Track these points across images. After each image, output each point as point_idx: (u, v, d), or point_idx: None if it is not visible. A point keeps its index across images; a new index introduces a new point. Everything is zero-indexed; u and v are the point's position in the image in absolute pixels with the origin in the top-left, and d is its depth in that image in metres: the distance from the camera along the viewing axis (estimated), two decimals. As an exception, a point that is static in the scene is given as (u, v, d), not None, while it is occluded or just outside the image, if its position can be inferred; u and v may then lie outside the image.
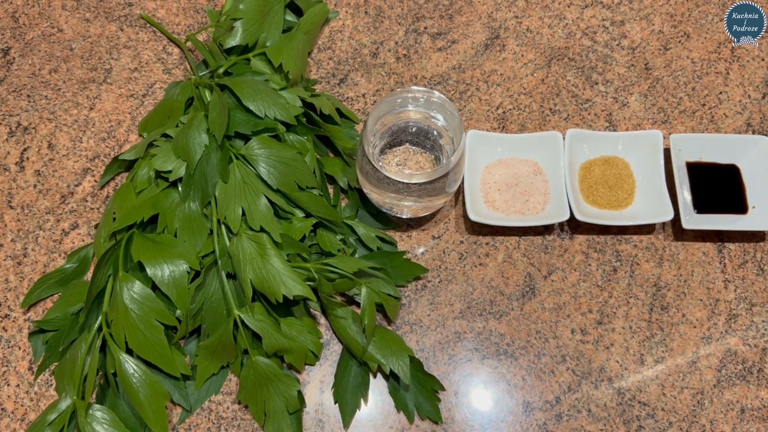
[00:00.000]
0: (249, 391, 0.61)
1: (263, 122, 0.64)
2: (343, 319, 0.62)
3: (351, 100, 0.73)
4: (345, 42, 0.76)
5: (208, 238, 0.63)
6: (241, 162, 0.63)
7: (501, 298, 0.66)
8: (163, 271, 0.61)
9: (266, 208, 0.62)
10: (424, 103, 0.62)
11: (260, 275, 0.60)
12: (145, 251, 0.61)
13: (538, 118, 0.73)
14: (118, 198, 0.65)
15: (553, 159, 0.68)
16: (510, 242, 0.68)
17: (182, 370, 0.61)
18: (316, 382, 0.63)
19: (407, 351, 0.61)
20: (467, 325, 0.64)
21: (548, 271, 0.67)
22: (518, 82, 0.74)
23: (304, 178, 0.64)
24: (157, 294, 0.61)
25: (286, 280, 0.60)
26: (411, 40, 0.76)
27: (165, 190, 0.64)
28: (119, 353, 0.59)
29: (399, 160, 0.67)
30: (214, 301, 0.62)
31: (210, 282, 0.62)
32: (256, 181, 0.63)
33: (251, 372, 0.60)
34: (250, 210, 0.62)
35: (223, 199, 0.62)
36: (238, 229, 0.61)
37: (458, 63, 0.75)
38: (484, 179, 0.68)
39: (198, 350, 0.61)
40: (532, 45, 0.76)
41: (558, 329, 0.64)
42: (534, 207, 0.67)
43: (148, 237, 0.62)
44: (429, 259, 0.67)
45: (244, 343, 0.61)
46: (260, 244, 0.61)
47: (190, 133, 0.63)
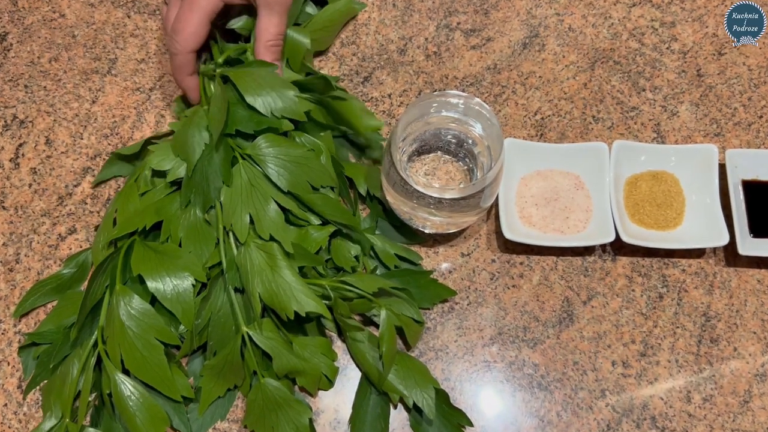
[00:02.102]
0: (256, 416, 0.55)
1: (267, 120, 0.58)
2: (360, 343, 0.57)
3: (375, 101, 0.67)
4: (371, 37, 0.70)
5: (215, 249, 0.57)
6: (248, 162, 0.57)
7: (535, 324, 0.60)
8: (166, 284, 0.55)
9: (276, 214, 0.56)
10: (462, 109, 0.55)
11: (270, 289, 0.54)
12: (147, 263, 0.55)
13: (580, 126, 0.67)
14: (120, 200, 0.59)
15: (596, 172, 0.62)
16: (547, 263, 0.62)
17: (183, 393, 0.55)
18: (331, 411, 0.57)
19: (432, 382, 0.55)
20: (498, 353, 0.59)
21: (588, 296, 0.61)
22: (558, 86, 0.68)
23: (318, 177, 0.57)
24: (157, 307, 0.55)
25: (297, 294, 0.54)
26: (442, 37, 0.70)
27: (170, 195, 0.58)
28: (115, 373, 0.54)
29: (428, 169, 0.61)
30: (221, 317, 0.57)
31: (216, 295, 0.56)
32: (265, 184, 0.57)
33: (259, 395, 0.55)
34: (258, 216, 0.56)
35: (228, 204, 0.56)
36: (246, 237, 0.55)
37: (493, 63, 0.69)
38: (520, 192, 0.62)
39: (203, 370, 0.56)
40: (575, 45, 0.70)
41: (597, 361, 0.59)
42: (575, 225, 0.61)
43: (150, 246, 0.56)
44: (457, 279, 0.61)
45: (253, 364, 0.55)
46: (270, 255, 0.55)
47: (189, 130, 0.57)
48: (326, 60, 0.69)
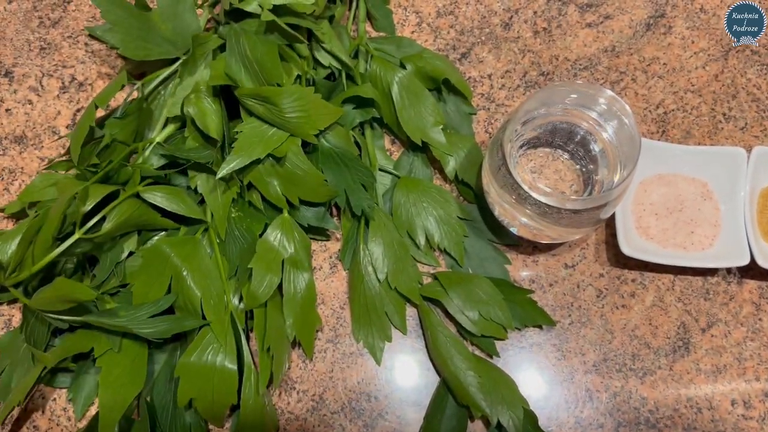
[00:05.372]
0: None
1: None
2: (443, 345, 0.50)
3: (473, 81, 0.59)
4: (471, 7, 0.62)
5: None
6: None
7: (646, 351, 0.52)
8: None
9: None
10: (600, 109, 0.47)
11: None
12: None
13: (708, 124, 0.58)
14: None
15: (729, 181, 0.53)
16: (663, 281, 0.54)
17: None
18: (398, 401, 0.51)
19: (521, 401, 0.49)
20: (601, 382, 0.52)
21: (708, 323, 0.53)
22: (685, 76, 0.59)
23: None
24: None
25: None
26: (554, 11, 0.61)
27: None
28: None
29: (534, 166, 0.53)
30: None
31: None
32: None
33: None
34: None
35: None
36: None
37: (611, 44, 0.60)
38: (637, 198, 0.54)
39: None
40: (706, 29, 0.60)
41: (715, 398, 0.51)
42: (700, 241, 0.53)
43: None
44: (558, 294, 0.54)
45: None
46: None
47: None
48: (419, 32, 0.61)
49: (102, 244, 0.48)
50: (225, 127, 0.48)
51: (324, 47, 0.54)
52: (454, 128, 0.57)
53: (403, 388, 0.51)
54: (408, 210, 0.54)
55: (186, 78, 0.52)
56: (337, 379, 0.52)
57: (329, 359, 0.52)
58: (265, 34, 0.49)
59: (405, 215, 0.54)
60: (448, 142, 0.55)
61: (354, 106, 0.54)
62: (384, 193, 0.55)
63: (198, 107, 0.47)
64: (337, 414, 0.51)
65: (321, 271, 0.54)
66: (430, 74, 0.55)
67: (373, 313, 0.52)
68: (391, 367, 0.52)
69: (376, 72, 0.55)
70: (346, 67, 0.54)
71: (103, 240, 0.47)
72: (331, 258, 0.55)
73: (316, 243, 0.55)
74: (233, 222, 0.50)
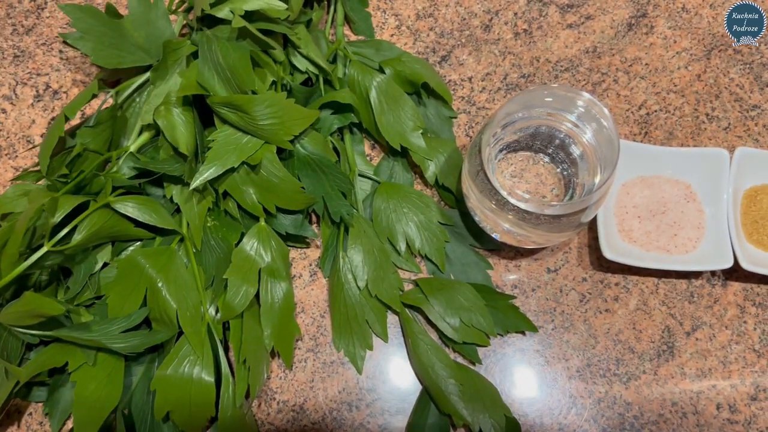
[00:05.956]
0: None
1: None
2: (424, 353, 0.50)
3: (454, 84, 0.59)
4: (451, 9, 0.61)
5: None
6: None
7: (630, 356, 0.52)
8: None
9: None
10: (579, 112, 0.46)
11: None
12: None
13: (691, 125, 0.57)
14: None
15: (712, 183, 0.53)
16: (646, 285, 0.53)
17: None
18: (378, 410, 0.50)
19: (503, 408, 0.49)
20: (585, 388, 0.51)
21: (692, 327, 0.52)
22: (668, 76, 0.58)
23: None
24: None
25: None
26: (534, 12, 0.61)
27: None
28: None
29: (514, 170, 0.53)
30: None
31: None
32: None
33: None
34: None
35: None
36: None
37: (593, 45, 0.59)
38: (620, 201, 0.54)
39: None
40: (689, 29, 0.60)
41: (700, 402, 0.51)
42: (683, 244, 0.52)
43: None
44: (541, 299, 0.53)
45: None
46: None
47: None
48: (399, 35, 0.60)
49: (74, 255, 0.47)
50: (198, 137, 0.47)
51: (300, 52, 0.53)
52: (435, 132, 0.56)
53: (385, 398, 0.51)
54: (388, 216, 0.53)
55: (160, 85, 0.51)
56: (318, 389, 0.51)
57: (310, 369, 0.51)
58: (238, 41, 0.48)
59: (385, 221, 0.53)
60: (428, 147, 0.54)
61: (332, 112, 0.53)
62: (364, 199, 0.55)
63: (167, 120, 0.46)
64: (317, 424, 0.50)
65: (301, 279, 0.54)
66: (410, 78, 0.55)
67: (353, 321, 0.51)
68: (372, 376, 0.51)
69: (354, 76, 0.54)
70: (324, 71, 0.54)
71: (74, 252, 0.46)
72: (311, 266, 0.54)
73: (295, 251, 0.54)
74: (209, 231, 0.49)
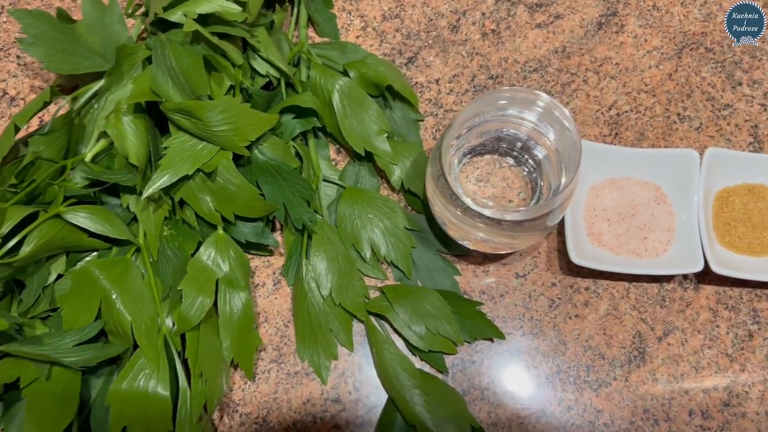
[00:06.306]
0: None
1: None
2: (388, 362, 0.49)
3: (421, 87, 0.57)
4: (418, 9, 0.60)
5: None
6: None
7: (601, 362, 0.51)
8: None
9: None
10: (538, 112, 0.45)
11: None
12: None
13: (662, 125, 0.56)
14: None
15: (682, 185, 0.52)
16: (617, 289, 0.52)
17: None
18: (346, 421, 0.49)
19: (469, 419, 0.48)
20: (555, 395, 0.50)
21: (664, 331, 0.51)
22: (638, 76, 0.57)
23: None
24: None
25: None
26: (502, 12, 0.59)
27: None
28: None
29: (481, 174, 0.51)
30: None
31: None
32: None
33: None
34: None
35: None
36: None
37: (562, 45, 0.58)
38: (589, 204, 0.53)
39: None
40: (659, 27, 0.59)
41: (672, 409, 0.50)
42: (654, 247, 0.51)
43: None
44: (509, 305, 0.52)
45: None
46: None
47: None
48: (365, 36, 0.59)
49: (25, 267, 0.45)
50: (152, 145, 0.46)
51: (260, 55, 0.52)
52: (401, 136, 0.55)
53: (350, 408, 0.50)
54: (353, 222, 0.52)
55: (116, 91, 0.50)
56: (282, 401, 0.50)
57: (273, 380, 0.50)
58: (192, 45, 0.47)
59: (350, 227, 0.52)
60: (393, 151, 0.53)
61: (294, 116, 0.52)
62: (329, 205, 0.54)
63: (117, 129, 0.45)
64: (281, 437, 0.49)
65: (264, 288, 0.52)
66: (374, 81, 0.54)
67: (317, 330, 0.50)
68: (337, 387, 0.50)
69: (317, 80, 0.53)
70: (285, 75, 0.52)
71: (24, 264, 0.44)
72: (275, 274, 0.53)
73: (258, 259, 0.53)
74: (165, 241, 0.48)
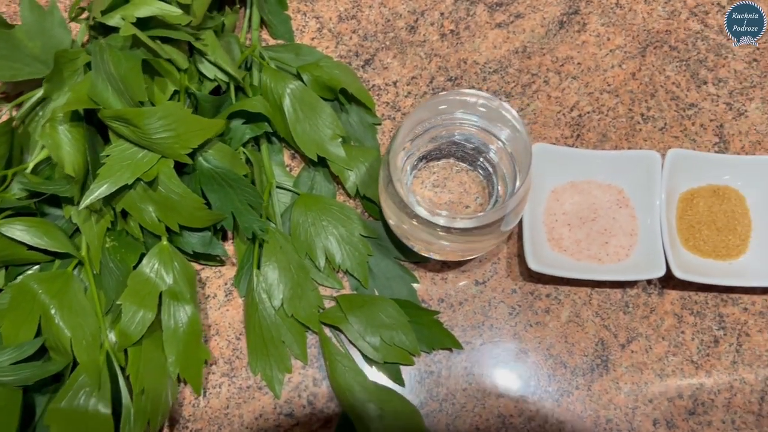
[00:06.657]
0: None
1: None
2: (342, 375, 0.47)
3: (378, 89, 0.56)
4: (375, 10, 0.58)
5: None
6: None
7: (563, 371, 0.49)
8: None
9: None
10: (483, 113, 0.44)
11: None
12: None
13: (626, 126, 0.55)
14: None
15: (645, 187, 0.51)
16: (579, 295, 0.51)
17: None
18: None
19: None
20: (515, 406, 0.48)
21: (627, 338, 0.50)
22: (601, 76, 0.56)
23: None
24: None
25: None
26: (461, 12, 0.58)
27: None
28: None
29: (437, 179, 0.50)
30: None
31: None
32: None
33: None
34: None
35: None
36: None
37: (522, 45, 0.57)
38: (549, 208, 0.51)
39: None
40: (622, 26, 0.57)
41: (636, 419, 0.48)
42: (615, 252, 0.50)
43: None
44: (469, 313, 0.51)
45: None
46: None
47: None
48: (320, 38, 0.57)
49: (-42, 283, 0.44)
50: (90, 154, 0.44)
51: (208, 59, 0.50)
52: (358, 140, 0.54)
53: (304, 423, 0.48)
54: (307, 230, 0.50)
55: (58, 97, 0.48)
56: (234, 416, 0.48)
57: (224, 394, 0.49)
58: (132, 49, 0.45)
59: (304, 235, 0.50)
60: (348, 156, 0.51)
61: (244, 121, 0.51)
62: (283, 213, 0.52)
63: (52, 138, 0.43)
64: (232, 454, 0.47)
65: (215, 300, 0.51)
66: (328, 84, 0.52)
67: (270, 343, 0.49)
68: (291, 401, 0.49)
69: (267, 83, 0.51)
70: (234, 79, 0.51)
71: (-45, 279, 0.43)
72: (227, 285, 0.51)
73: (209, 269, 0.52)
74: (108, 253, 0.46)
